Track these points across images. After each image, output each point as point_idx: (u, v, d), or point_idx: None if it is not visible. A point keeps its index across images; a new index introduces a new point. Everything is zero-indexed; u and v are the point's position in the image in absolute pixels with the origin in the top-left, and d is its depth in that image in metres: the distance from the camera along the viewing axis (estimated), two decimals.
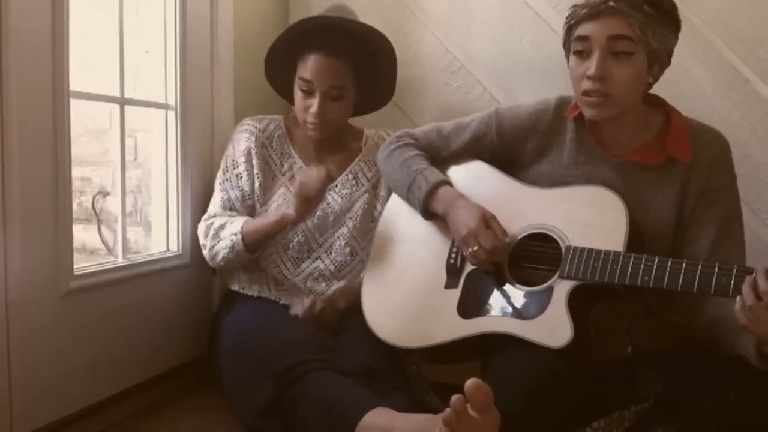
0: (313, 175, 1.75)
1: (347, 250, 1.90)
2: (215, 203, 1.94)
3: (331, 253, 1.90)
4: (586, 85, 1.49)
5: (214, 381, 1.85)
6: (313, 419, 1.45)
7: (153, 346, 1.90)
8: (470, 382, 1.20)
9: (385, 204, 1.92)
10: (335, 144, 1.99)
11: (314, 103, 1.86)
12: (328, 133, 1.93)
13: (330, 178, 1.90)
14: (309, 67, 1.84)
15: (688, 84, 1.99)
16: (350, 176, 1.97)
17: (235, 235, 1.82)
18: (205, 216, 1.93)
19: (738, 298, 1.27)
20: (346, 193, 1.94)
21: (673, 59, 1.54)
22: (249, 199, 1.92)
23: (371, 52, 1.91)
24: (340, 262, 1.90)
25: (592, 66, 1.47)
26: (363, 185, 1.97)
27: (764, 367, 1.34)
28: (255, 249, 1.85)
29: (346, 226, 1.92)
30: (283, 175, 1.93)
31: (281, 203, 1.90)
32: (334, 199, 1.93)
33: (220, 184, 1.95)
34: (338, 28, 1.86)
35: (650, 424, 1.45)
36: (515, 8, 2.17)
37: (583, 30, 1.49)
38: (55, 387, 1.58)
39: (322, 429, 1.42)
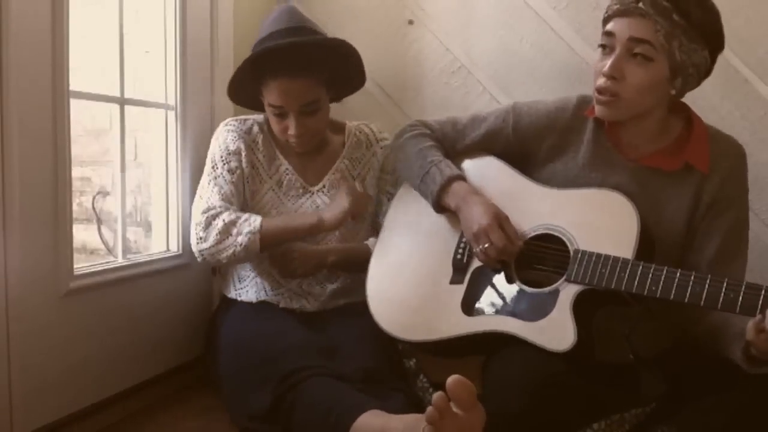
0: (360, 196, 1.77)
1: None
2: (212, 196, 1.82)
3: None
4: (600, 81, 1.48)
5: (211, 382, 1.85)
6: (310, 423, 1.45)
7: (153, 346, 1.90)
8: (452, 379, 1.19)
9: (372, 201, 1.93)
10: (319, 142, 1.95)
11: (291, 124, 1.80)
12: (314, 144, 1.89)
13: (316, 179, 1.90)
14: (275, 93, 1.78)
15: None
16: (337, 175, 1.92)
17: (253, 233, 1.75)
18: (204, 208, 1.81)
19: (759, 317, 1.25)
20: (334, 194, 1.89)
21: None
22: (241, 195, 1.87)
23: (333, 56, 1.83)
24: None
25: (607, 64, 1.46)
26: (368, 194, 1.94)
27: (752, 370, 1.34)
28: (269, 249, 1.81)
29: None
30: (271, 178, 1.90)
31: (270, 208, 1.87)
32: (323, 200, 1.89)
33: (213, 180, 1.85)
34: (293, 48, 1.77)
35: (651, 425, 1.45)
36: (515, 8, 2.17)
37: (610, 26, 1.48)
38: (55, 387, 1.58)
39: None
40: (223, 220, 1.78)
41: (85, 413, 1.68)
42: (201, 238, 1.80)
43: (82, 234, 2.72)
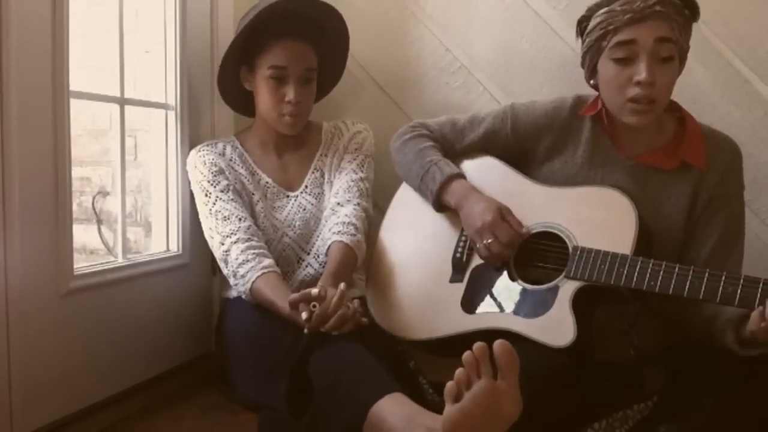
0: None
1: None
2: (222, 226, 1.78)
3: (318, 256, 1.87)
4: (634, 91, 1.47)
5: (218, 374, 1.84)
6: (328, 394, 1.39)
7: (153, 346, 1.90)
8: (498, 343, 1.11)
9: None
10: (296, 142, 1.95)
11: (290, 90, 1.81)
12: (301, 125, 1.89)
13: (298, 183, 1.90)
14: (280, 53, 1.79)
15: (687, 84, 1.99)
16: (317, 173, 1.93)
17: (246, 294, 1.72)
18: (219, 240, 1.78)
19: (760, 308, 1.27)
20: (318, 192, 1.91)
21: None
22: (245, 207, 1.84)
23: (326, 31, 1.89)
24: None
25: (642, 71, 1.45)
26: (331, 181, 1.94)
27: (744, 352, 1.35)
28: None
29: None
30: (256, 191, 1.89)
31: (264, 219, 1.85)
32: (308, 201, 1.90)
33: (211, 209, 1.81)
34: (295, 12, 1.82)
35: (653, 423, 1.45)
36: (515, 8, 2.17)
37: (625, 35, 1.47)
38: (55, 387, 1.58)
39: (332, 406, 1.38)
40: (231, 259, 1.74)
41: (85, 413, 1.68)
42: (228, 275, 1.77)
43: (82, 234, 2.72)
